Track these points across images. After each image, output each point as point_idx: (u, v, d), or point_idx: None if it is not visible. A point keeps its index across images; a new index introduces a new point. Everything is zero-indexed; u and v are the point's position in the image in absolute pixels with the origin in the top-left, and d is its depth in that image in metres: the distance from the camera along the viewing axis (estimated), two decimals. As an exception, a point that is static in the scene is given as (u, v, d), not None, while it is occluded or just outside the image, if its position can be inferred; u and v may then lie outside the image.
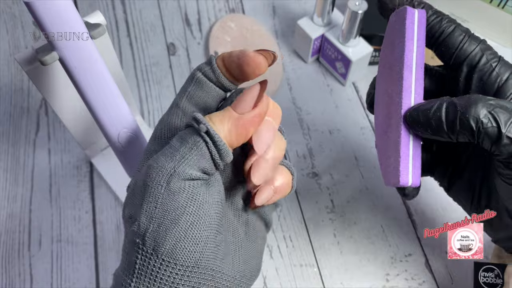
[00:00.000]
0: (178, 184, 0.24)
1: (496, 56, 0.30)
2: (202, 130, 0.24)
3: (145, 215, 0.24)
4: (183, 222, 0.23)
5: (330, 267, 0.44)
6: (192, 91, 0.28)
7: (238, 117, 0.25)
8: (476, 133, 0.27)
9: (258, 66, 0.26)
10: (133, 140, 0.34)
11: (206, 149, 0.24)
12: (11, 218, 0.47)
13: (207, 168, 0.24)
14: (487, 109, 0.26)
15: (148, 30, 0.59)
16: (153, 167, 0.24)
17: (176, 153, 0.24)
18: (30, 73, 0.36)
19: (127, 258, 0.24)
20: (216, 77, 0.28)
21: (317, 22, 0.53)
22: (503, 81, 0.29)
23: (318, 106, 0.53)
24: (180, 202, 0.24)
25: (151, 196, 0.24)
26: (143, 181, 0.24)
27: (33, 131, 0.52)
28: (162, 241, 0.23)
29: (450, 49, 0.31)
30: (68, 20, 0.29)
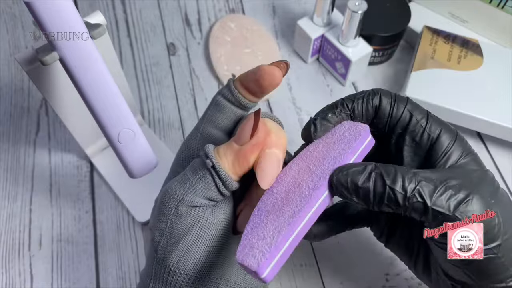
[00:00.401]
0: (185, 209, 0.27)
1: (424, 114, 0.30)
2: (209, 165, 0.27)
3: (158, 231, 0.28)
4: (186, 240, 0.27)
5: (330, 267, 0.44)
6: (211, 113, 0.31)
7: (238, 149, 0.27)
8: (402, 208, 0.26)
9: (273, 78, 0.29)
10: (133, 140, 0.34)
11: (212, 181, 0.27)
12: (11, 218, 0.47)
13: (212, 196, 0.28)
14: (413, 184, 0.26)
15: (148, 30, 0.59)
16: (167, 191, 0.28)
17: (187, 181, 0.28)
18: (30, 73, 0.36)
19: (148, 263, 0.29)
20: (234, 96, 0.30)
21: (317, 22, 0.53)
22: (434, 140, 0.29)
23: (318, 106, 0.53)
24: (186, 224, 0.27)
25: (163, 216, 0.28)
26: (159, 201, 0.29)
27: (34, 131, 0.52)
28: (169, 254, 0.27)
29: (382, 119, 0.30)
30: (68, 20, 0.29)
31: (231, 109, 0.31)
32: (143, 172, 0.36)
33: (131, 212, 0.46)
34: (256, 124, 0.27)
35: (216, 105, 0.31)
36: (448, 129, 0.30)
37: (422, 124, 0.29)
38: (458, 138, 0.30)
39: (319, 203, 0.27)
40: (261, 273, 0.25)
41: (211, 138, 0.31)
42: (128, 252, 0.45)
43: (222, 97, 0.31)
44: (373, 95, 0.30)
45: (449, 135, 0.29)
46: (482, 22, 0.54)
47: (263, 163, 0.27)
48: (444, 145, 0.29)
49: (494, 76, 0.49)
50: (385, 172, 0.26)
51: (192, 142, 0.31)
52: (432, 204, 0.26)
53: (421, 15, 0.56)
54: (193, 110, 0.53)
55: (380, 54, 0.54)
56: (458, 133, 0.30)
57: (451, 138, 0.29)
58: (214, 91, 0.55)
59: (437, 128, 0.29)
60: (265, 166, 0.27)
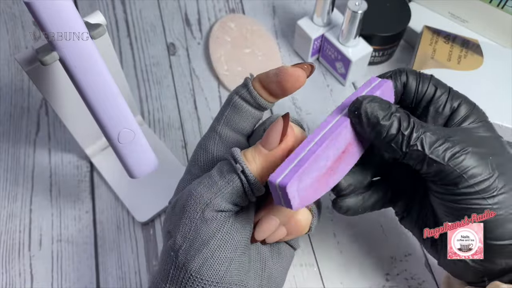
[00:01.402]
0: (212, 214, 0.27)
1: (446, 89, 0.32)
2: (238, 170, 0.27)
3: (180, 234, 0.27)
4: (211, 245, 0.27)
5: (330, 267, 0.44)
6: (229, 115, 0.31)
7: (267, 154, 0.27)
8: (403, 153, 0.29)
9: (298, 79, 0.28)
10: (133, 140, 0.34)
11: (241, 186, 0.27)
12: (11, 218, 0.47)
13: (239, 201, 0.28)
14: (418, 133, 0.28)
15: (148, 30, 0.59)
16: (193, 195, 0.27)
17: (214, 185, 0.27)
18: (30, 73, 0.36)
19: (163, 267, 0.28)
20: (253, 98, 0.30)
21: (317, 22, 0.53)
22: (454, 109, 0.32)
23: (318, 106, 0.54)
24: (211, 229, 0.27)
25: (188, 219, 0.27)
26: (183, 204, 0.28)
27: (34, 131, 0.52)
28: (192, 259, 0.27)
29: (409, 95, 0.33)
30: (68, 20, 0.29)
31: (249, 111, 0.30)
32: (143, 172, 0.36)
33: (131, 212, 0.46)
34: (286, 128, 0.27)
35: (233, 107, 0.30)
36: (467, 101, 0.32)
37: (444, 96, 0.32)
38: (476, 108, 0.32)
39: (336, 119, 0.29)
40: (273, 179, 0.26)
41: (230, 141, 0.31)
42: (128, 252, 0.45)
43: (240, 98, 0.30)
44: (399, 73, 0.32)
45: (467, 105, 0.32)
46: (482, 22, 0.54)
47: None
48: (461, 113, 0.32)
49: (494, 76, 0.49)
50: (403, 117, 0.29)
51: (210, 145, 0.31)
52: (429, 153, 0.28)
53: (421, 15, 0.56)
54: (193, 110, 0.53)
55: (380, 54, 0.54)
56: (476, 105, 0.33)
57: (468, 108, 0.32)
58: (214, 91, 0.55)
59: (457, 99, 0.32)
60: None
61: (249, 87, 0.30)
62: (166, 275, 0.28)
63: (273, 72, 0.29)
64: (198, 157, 0.31)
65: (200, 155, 0.31)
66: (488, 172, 0.28)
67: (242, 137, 0.31)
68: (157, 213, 0.46)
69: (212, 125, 0.32)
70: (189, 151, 0.51)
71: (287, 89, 0.29)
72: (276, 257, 0.31)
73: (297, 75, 0.28)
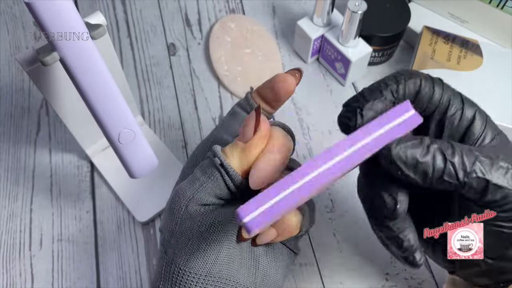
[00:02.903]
0: (195, 208, 0.28)
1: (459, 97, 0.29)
2: (217, 163, 0.28)
3: (168, 230, 0.28)
4: (196, 238, 0.28)
5: (330, 267, 0.44)
6: (227, 121, 0.32)
7: (244, 146, 0.28)
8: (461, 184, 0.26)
9: (287, 85, 0.30)
10: (133, 140, 0.34)
11: (221, 179, 0.28)
12: (12, 218, 0.47)
13: (222, 194, 0.28)
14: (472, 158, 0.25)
15: (148, 30, 0.59)
16: (178, 192, 0.29)
17: (196, 181, 0.28)
18: (31, 73, 0.36)
19: (158, 264, 0.29)
20: (251, 106, 0.32)
21: (317, 23, 0.53)
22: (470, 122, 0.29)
23: (318, 106, 0.54)
24: (196, 223, 0.28)
25: (173, 216, 0.28)
26: (170, 202, 0.29)
27: (34, 131, 0.52)
28: (179, 253, 0.28)
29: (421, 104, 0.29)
30: (69, 21, 0.29)
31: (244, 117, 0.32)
32: (143, 172, 0.36)
33: (132, 212, 0.46)
34: (258, 119, 0.28)
35: (232, 114, 0.32)
36: (479, 110, 0.29)
37: (459, 108, 0.29)
38: (488, 118, 0.29)
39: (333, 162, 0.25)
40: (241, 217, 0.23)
41: (222, 142, 0.32)
42: (129, 252, 0.45)
43: (239, 107, 0.32)
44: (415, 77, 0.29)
45: (481, 116, 0.29)
46: (482, 22, 0.54)
47: (258, 163, 0.28)
48: (478, 126, 0.28)
49: (494, 76, 0.49)
50: (443, 146, 0.26)
51: (205, 146, 0.32)
52: (492, 178, 0.25)
53: (421, 15, 0.56)
54: (193, 111, 0.53)
55: (380, 54, 0.54)
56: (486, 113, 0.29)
57: (483, 119, 0.29)
58: (214, 91, 0.55)
59: (471, 110, 0.29)
60: (259, 167, 0.28)
61: (248, 97, 0.32)
62: (160, 272, 0.29)
63: (268, 80, 0.31)
64: (195, 157, 0.32)
65: (196, 156, 0.32)
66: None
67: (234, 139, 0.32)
68: (157, 213, 0.46)
69: (211, 132, 0.33)
70: (189, 151, 0.51)
71: (279, 94, 0.30)
72: (272, 256, 0.31)
73: (286, 80, 0.30)
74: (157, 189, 0.46)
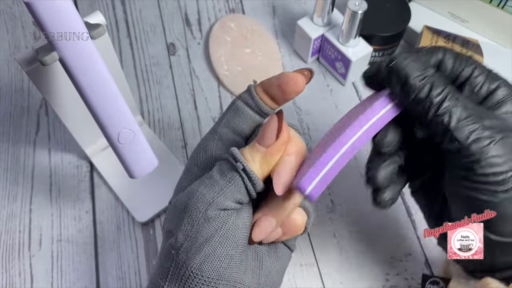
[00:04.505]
0: (215, 212, 0.27)
1: (484, 70, 0.31)
2: (239, 168, 0.27)
3: (182, 233, 0.28)
4: (213, 242, 0.27)
5: (330, 267, 0.44)
6: (230, 117, 0.31)
7: (265, 151, 0.28)
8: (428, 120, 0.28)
9: (296, 84, 0.29)
10: (133, 140, 0.34)
11: (242, 184, 0.28)
12: (11, 218, 0.47)
13: (242, 199, 0.28)
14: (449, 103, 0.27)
15: (148, 30, 0.59)
16: (195, 195, 0.28)
17: (216, 185, 0.28)
18: (30, 73, 0.36)
19: (162, 265, 0.28)
20: (255, 102, 0.30)
21: (317, 22, 0.53)
22: (491, 91, 0.30)
23: (318, 106, 0.54)
24: (213, 227, 0.27)
25: (190, 218, 0.27)
26: (185, 204, 0.28)
27: (33, 131, 0.52)
28: (193, 257, 0.27)
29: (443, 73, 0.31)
30: (68, 20, 0.29)
31: (250, 115, 0.31)
32: (143, 172, 0.36)
33: (131, 212, 0.46)
34: (281, 125, 0.28)
35: (235, 109, 0.31)
36: (507, 85, 0.30)
37: (482, 77, 0.30)
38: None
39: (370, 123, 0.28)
40: (303, 188, 0.26)
41: (229, 142, 0.31)
42: (128, 252, 0.45)
43: (242, 102, 0.31)
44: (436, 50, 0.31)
45: (506, 89, 0.30)
46: (482, 22, 0.54)
47: (281, 169, 0.28)
48: (498, 96, 0.30)
49: (494, 76, 0.49)
50: (436, 83, 0.28)
51: (210, 145, 0.31)
52: (453, 129, 0.27)
53: (421, 15, 0.56)
54: (193, 110, 0.53)
55: (380, 54, 0.54)
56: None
57: (507, 92, 0.30)
58: (214, 91, 0.55)
59: (496, 82, 0.30)
60: (282, 173, 0.28)
61: (251, 92, 0.30)
62: (166, 273, 0.28)
63: (275, 77, 0.30)
64: (197, 156, 0.31)
65: (199, 154, 0.31)
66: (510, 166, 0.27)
67: (240, 139, 0.31)
68: (157, 213, 0.46)
69: (213, 127, 0.32)
70: (189, 151, 0.51)
71: (287, 93, 0.29)
72: (274, 256, 0.31)
73: (296, 80, 0.29)
74: (156, 189, 0.46)
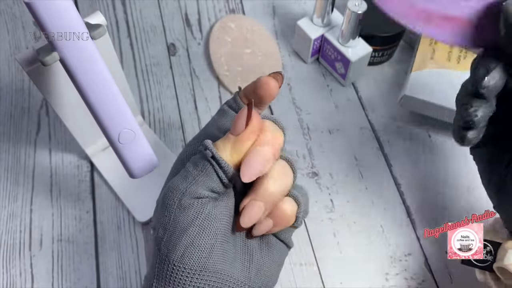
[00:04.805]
0: (188, 201, 0.28)
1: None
2: (208, 155, 0.28)
3: (161, 226, 0.28)
4: (190, 232, 0.27)
5: (330, 267, 0.44)
6: (216, 118, 0.33)
7: (235, 139, 0.28)
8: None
9: (268, 88, 0.30)
10: (133, 140, 0.34)
11: (213, 171, 0.28)
12: (12, 218, 0.47)
13: (215, 187, 0.28)
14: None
15: (148, 30, 0.59)
16: (170, 187, 0.28)
17: (189, 175, 0.28)
18: (30, 73, 0.36)
19: (151, 263, 0.29)
20: (238, 105, 0.32)
21: (316, 23, 0.53)
22: None
23: (318, 106, 0.54)
24: (189, 216, 0.28)
25: (167, 210, 0.28)
26: (162, 198, 0.29)
27: (34, 131, 0.52)
28: (173, 249, 0.27)
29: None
30: (69, 21, 0.29)
31: (234, 115, 0.32)
32: (143, 172, 0.36)
33: (132, 212, 0.46)
34: (250, 113, 0.28)
35: (221, 112, 0.33)
36: None
37: None
38: None
39: None
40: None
41: (213, 137, 0.32)
42: (129, 252, 0.45)
43: (227, 106, 0.32)
44: None
45: None
46: (482, 22, 0.54)
47: (250, 157, 0.28)
48: None
49: (494, 76, 0.49)
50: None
51: (195, 143, 0.32)
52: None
53: (421, 15, 0.56)
54: (193, 110, 0.53)
55: (380, 54, 0.54)
56: None
57: None
58: (214, 91, 0.55)
59: None
60: (251, 160, 0.28)
61: (235, 97, 0.32)
62: (154, 270, 0.28)
63: (253, 81, 0.31)
64: (183, 153, 0.32)
65: (187, 153, 0.32)
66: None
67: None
68: (157, 213, 0.46)
69: (201, 129, 0.33)
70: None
71: (262, 97, 0.30)
72: (266, 250, 0.31)
73: (267, 83, 0.30)
74: (157, 189, 0.46)
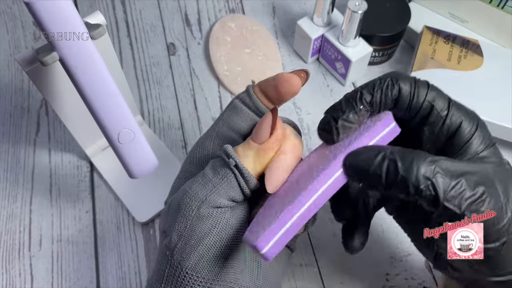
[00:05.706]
0: (207, 210, 0.27)
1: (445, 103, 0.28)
2: (231, 164, 0.27)
3: (176, 233, 0.27)
4: (207, 242, 0.27)
5: (330, 267, 0.44)
6: (227, 116, 0.31)
7: (258, 147, 0.27)
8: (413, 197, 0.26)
9: (292, 86, 0.29)
10: (133, 140, 0.34)
11: (235, 181, 0.27)
12: (11, 218, 0.47)
13: (235, 197, 0.28)
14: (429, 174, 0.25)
15: (148, 30, 0.59)
16: (188, 193, 0.27)
17: (209, 182, 0.27)
18: (30, 73, 0.36)
19: (158, 267, 0.28)
20: (252, 101, 0.31)
21: (317, 23, 0.53)
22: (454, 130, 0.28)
23: (318, 106, 0.54)
24: (207, 226, 0.27)
25: (183, 217, 0.27)
26: (177, 203, 0.28)
27: (34, 131, 0.52)
28: (187, 257, 0.27)
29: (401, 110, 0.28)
30: (68, 20, 0.29)
31: (248, 114, 0.31)
32: (143, 172, 0.36)
33: (131, 212, 0.46)
34: (275, 121, 0.27)
35: (233, 108, 0.31)
36: (469, 118, 0.28)
37: (442, 115, 0.28)
38: (480, 127, 0.28)
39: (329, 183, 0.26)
40: (260, 248, 0.25)
41: (226, 139, 0.31)
42: (128, 252, 0.45)
43: (240, 101, 0.31)
44: (392, 86, 0.28)
45: (470, 124, 0.28)
46: (482, 22, 0.54)
47: (273, 167, 0.28)
48: (464, 136, 0.28)
49: (494, 76, 0.49)
50: (400, 158, 0.25)
51: (207, 142, 0.31)
52: (443, 200, 0.25)
53: (421, 15, 0.56)
54: (193, 110, 0.53)
55: (380, 54, 0.54)
56: (480, 121, 0.28)
57: (471, 128, 0.28)
58: (214, 91, 0.55)
59: (458, 118, 0.28)
60: (274, 170, 0.27)
61: (249, 91, 0.31)
62: (162, 275, 0.28)
63: (271, 77, 0.30)
64: (194, 155, 0.31)
65: (196, 152, 0.31)
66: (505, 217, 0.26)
67: (238, 137, 0.31)
68: (157, 213, 0.46)
69: (211, 126, 0.32)
70: (189, 151, 0.51)
71: (282, 95, 0.29)
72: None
73: (291, 81, 0.29)
74: (156, 189, 0.46)
